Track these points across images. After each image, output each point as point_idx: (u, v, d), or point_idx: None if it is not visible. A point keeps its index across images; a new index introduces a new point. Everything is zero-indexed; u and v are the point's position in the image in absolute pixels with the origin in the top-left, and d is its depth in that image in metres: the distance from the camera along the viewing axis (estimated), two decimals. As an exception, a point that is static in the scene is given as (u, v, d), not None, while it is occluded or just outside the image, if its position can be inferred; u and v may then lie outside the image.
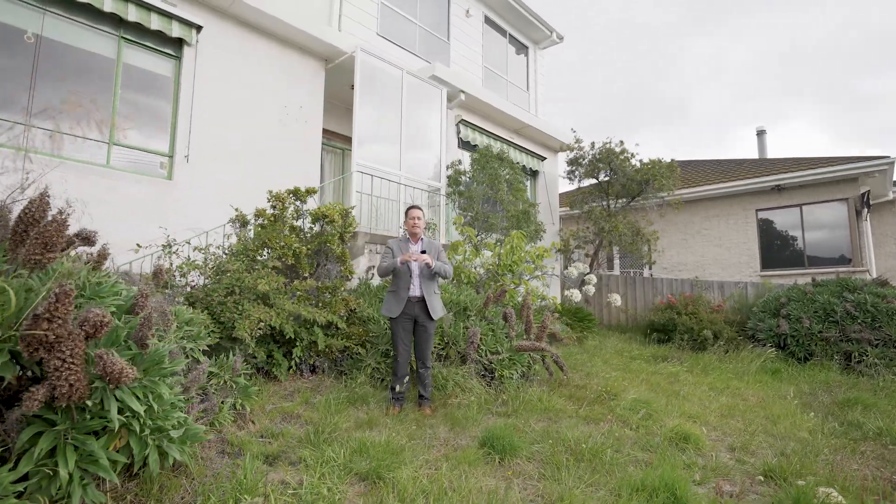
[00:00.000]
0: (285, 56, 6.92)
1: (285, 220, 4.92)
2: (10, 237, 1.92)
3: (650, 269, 13.44)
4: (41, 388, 1.67)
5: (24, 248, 1.85)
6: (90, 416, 1.83)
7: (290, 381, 4.34)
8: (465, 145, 9.50)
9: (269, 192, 4.93)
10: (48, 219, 1.92)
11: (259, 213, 4.89)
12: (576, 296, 7.99)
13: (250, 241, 4.72)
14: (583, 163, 10.95)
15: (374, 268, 6.11)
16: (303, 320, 4.41)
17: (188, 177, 5.74)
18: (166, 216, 5.27)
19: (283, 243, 4.63)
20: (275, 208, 4.89)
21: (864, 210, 11.07)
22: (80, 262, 2.32)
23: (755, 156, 17.26)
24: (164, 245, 4.42)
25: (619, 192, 10.88)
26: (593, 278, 8.48)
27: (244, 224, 4.96)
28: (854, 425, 4.09)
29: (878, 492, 2.79)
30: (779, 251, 12.06)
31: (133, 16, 5.33)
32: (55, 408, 1.78)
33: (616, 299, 9.12)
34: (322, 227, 5.05)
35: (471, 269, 6.47)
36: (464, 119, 9.30)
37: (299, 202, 5.11)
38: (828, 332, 6.71)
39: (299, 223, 5.14)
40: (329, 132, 8.41)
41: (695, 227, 13.25)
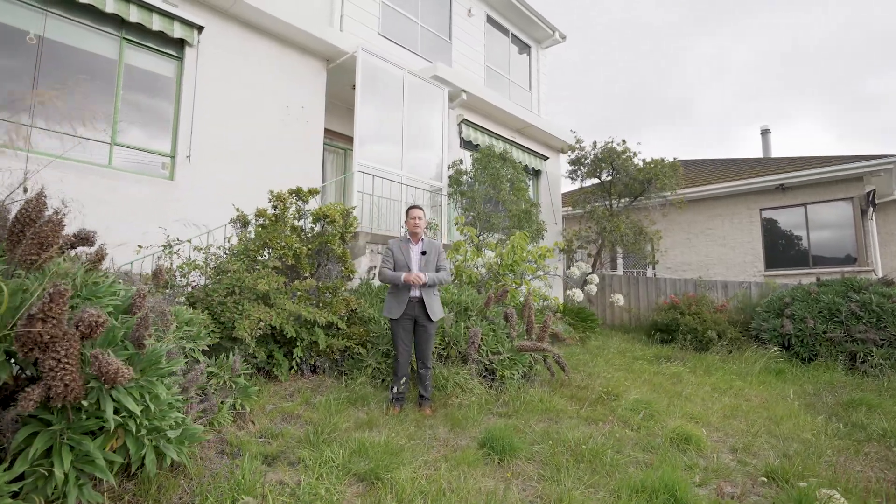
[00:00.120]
0: (287, 56, 6.93)
1: (286, 220, 4.92)
2: (6, 237, 1.92)
3: (653, 268, 13.37)
4: (36, 388, 1.67)
5: (20, 248, 1.85)
6: (86, 417, 1.83)
7: (291, 382, 4.34)
8: (467, 145, 9.48)
9: (271, 192, 4.93)
10: (45, 219, 1.92)
11: (260, 213, 4.90)
12: (578, 296, 7.97)
13: (251, 241, 4.72)
14: (585, 163, 10.92)
15: (375, 268, 6.10)
16: (303, 320, 4.41)
17: (190, 177, 5.75)
18: (168, 216, 5.29)
19: (283, 243, 4.63)
20: (276, 208, 4.89)
21: (870, 209, 10.98)
22: (79, 263, 2.32)
23: (760, 155, 17.16)
24: (164, 245, 4.42)
25: (622, 192, 10.83)
26: (595, 278, 8.45)
27: (245, 224, 4.97)
28: (858, 426, 4.05)
29: (881, 494, 2.76)
30: (783, 251, 11.98)
31: (135, 17, 5.34)
32: (51, 408, 1.78)
33: (619, 299, 9.09)
34: (323, 227, 5.05)
35: (472, 269, 6.45)
36: (466, 119, 9.28)
37: (301, 202, 5.11)
38: (832, 333, 6.65)
39: (300, 223, 5.14)
40: (331, 132, 8.41)
41: (698, 227, 13.18)
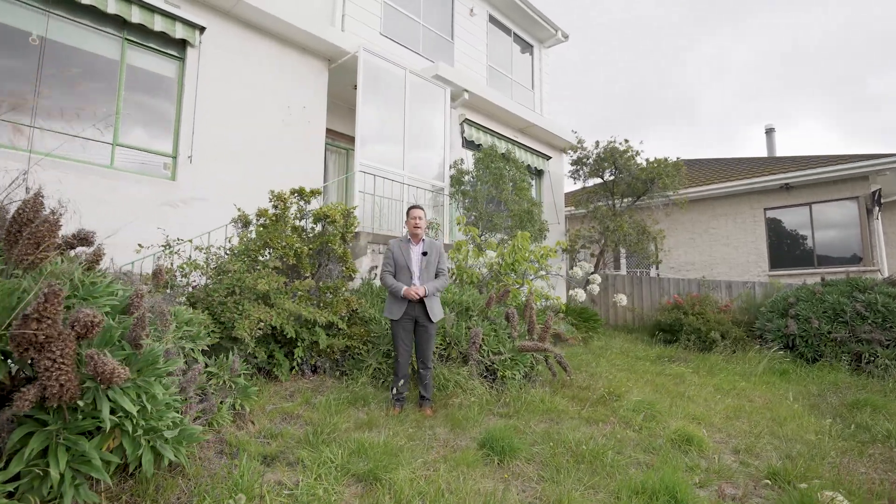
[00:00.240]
0: (288, 56, 6.93)
1: (287, 219, 4.92)
2: (4, 237, 1.93)
3: (657, 268, 13.32)
4: (32, 388, 1.67)
5: (17, 247, 1.85)
6: (82, 417, 1.83)
7: (292, 382, 4.34)
8: (469, 144, 9.47)
9: (271, 192, 4.93)
10: (41, 219, 1.92)
11: (261, 213, 4.90)
12: (580, 296, 7.94)
13: (252, 241, 4.72)
14: (587, 162, 10.88)
15: (376, 268, 6.10)
16: (304, 320, 4.40)
17: (191, 177, 5.76)
18: (169, 217, 5.30)
19: (284, 243, 4.63)
20: (276, 208, 4.89)
21: (876, 208, 10.89)
22: (77, 263, 2.32)
23: (764, 154, 17.07)
24: (164, 245, 4.43)
25: (625, 192, 10.79)
26: (597, 278, 8.42)
27: (246, 224, 4.97)
28: (863, 428, 4.01)
29: (886, 496, 2.73)
30: (788, 250, 11.90)
31: (137, 17, 5.36)
32: (47, 408, 1.78)
33: (622, 299, 9.04)
34: (324, 227, 5.05)
35: (474, 269, 6.43)
36: (468, 118, 9.26)
37: (303, 202, 5.11)
38: (837, 333, 6.59)
39: (302, 223, 5.14)
40: (333, 132, 8.41)
41: (702, 227, 13.11)
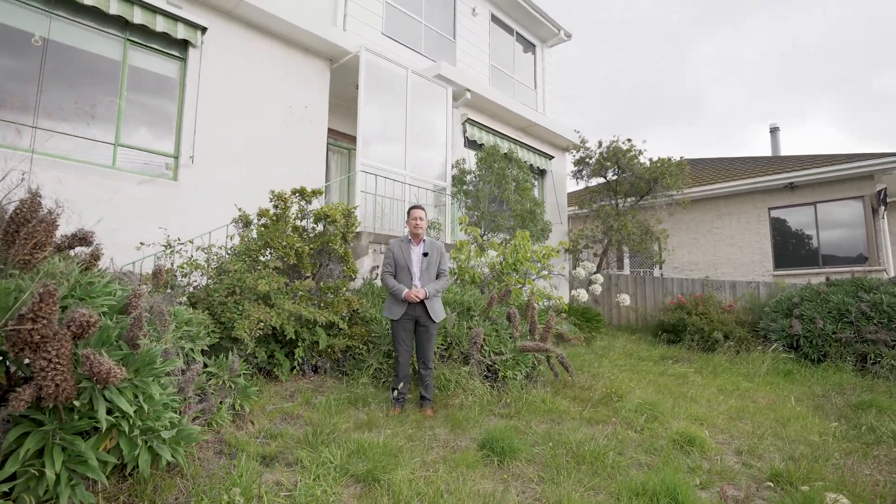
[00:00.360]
0: (290, 56, 6.94)
1: (288, 219, 4.92)
2: (1, 237, 1.92)
3: (660, 268, 13.26)
4: (28, 388, 1.66)
5: (14, 247, 1.85)
6: (78, 417, 1.83)
7: (292, 382, 4.33)
8: (471, 144, 9.45)
9: (272, 192, 4.93)
10: (38, 218, 1.91)
11: (262, 213, 4.90)
12: (583, 296, 7.91)
13: (253, 241, 4.72)
14: (590, 162, 10.85)
15: (377, 268, 6.09)
16: (304, 320, 4.40)
17: (192, 177, 5.77)
18: (170, 216, 5.30)
19: (285, 243, 4.62)
20: (277, 208, 4.89)
21: (881, 208, 10.80)
22: (75, 263, 2.32)
23: (768, 154, 16.97)
24: (164, 245, 4.43)
25: (628, 191, 10.76)
26: (599, 278, 8.39)
27: (247, 224, 4.97)
28: (868, 429, 3.96)
29: (890, 497, 2.70)
30: (793, 250, 11.82)
31: (139, 18, 5.37)
32: (43, 408, 1.77)
33: (625, 299, 9.01)
34: (325, 227, 5.04)
35: (475, 269, 6.42)
36: (470, 118, 9.24)
37: (304, 202, 5.10)
38: (842, 333, 6.54)
39: (303, 223, 5.14)
40: (335, 132, 8.41)
41: (706, 226, 13.04)
